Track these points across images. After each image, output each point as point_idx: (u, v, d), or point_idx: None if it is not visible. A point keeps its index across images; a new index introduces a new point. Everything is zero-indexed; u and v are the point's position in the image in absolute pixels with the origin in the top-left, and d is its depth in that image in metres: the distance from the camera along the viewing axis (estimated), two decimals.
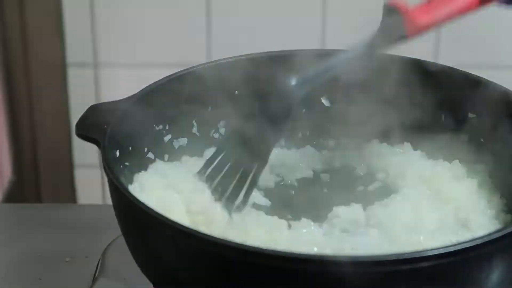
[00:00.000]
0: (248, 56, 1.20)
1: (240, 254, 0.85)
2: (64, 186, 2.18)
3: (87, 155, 2.13)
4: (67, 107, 2.10)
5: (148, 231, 0.92)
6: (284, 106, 1.03)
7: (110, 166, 0.97)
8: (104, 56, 2.06)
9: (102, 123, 1.04)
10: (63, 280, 1.15)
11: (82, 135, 1.05)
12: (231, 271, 0.87)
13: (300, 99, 1.04)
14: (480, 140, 1.16)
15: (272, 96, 1.04)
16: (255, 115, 1.06)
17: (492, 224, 1.08)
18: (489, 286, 0.88)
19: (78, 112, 1.83)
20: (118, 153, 1.05)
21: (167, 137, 1.17)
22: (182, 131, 1.18)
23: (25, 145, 2.14)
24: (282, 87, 1.03)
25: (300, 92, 1.03)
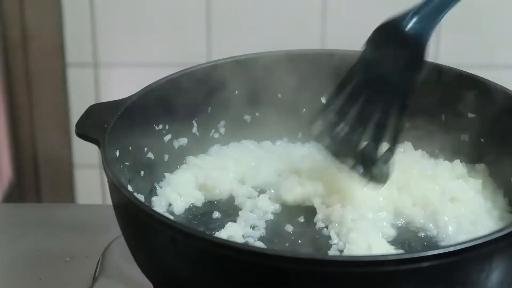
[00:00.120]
0: (248, 56, 1.20)
1: (240, 254, 0.85)
2: (64, 186, 2.18)
3: (87, 155, 2.13)
4: (67, 107, 2.10)
5: (148, 231, 0.92)
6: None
7: (110, 166, 0.97)
8: (104, 56, 2.06)
9: (102, 123, 1.04)
10: (63, 280, 1.15)
11: (82, 135, 1.05)
12: (231, 271, 0.87)
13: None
14: (480, 140, 1.16)
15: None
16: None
17: (497, 224, 1.08)
18: (489, 286, 0.88)
19: (78, 112, 1.84)
20: (118, 153, 1.05)
21: (167, 137, 1.17)
22: (182, 131, 1.18)
23: (25, 145, 2.14)
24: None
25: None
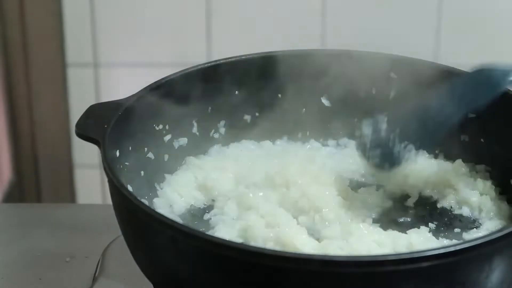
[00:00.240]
0: (248, 56, 1.20)
1: (240, 254, 0.85)
2: (64, 186, 2.18)
3: (87, 155, 2.13)
4: (67, 107, 2.10)
5: (148, 231, 0.92)
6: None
7: (110, 166, 0.97)
8: (104, 56, 2.06)
9: (102, 123, 1.04)
10: (63, 280, 1.15)
11: (82, 135, 1.05)
12: (231, 271, 0.87)
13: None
14: (480, 140, 1.16)
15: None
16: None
17: (499, 224, 1.08)
18: (489, 286, 0.88)
19: (78, 112, 1.83)
20: (118, 153, 1.05)
21: (167, 137, 1.17)
22: (182, 131, 1.18)
23: (25, 145, 2.14)
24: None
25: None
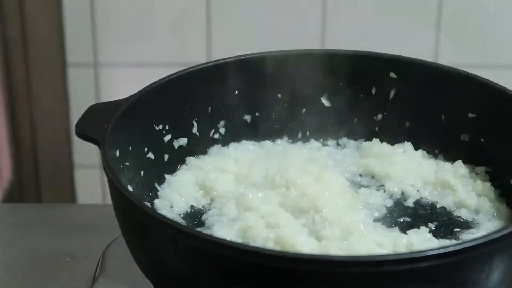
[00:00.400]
0: (248, 56, 1.20)
1: (240, 254, 0.85)
2: (64, 186, 2.18)
3: (87, 155, 2.13)
4: (67, 107, 2.10)
5: (148, 231, 0.92)
6: None
7: (110, 166, 0.97)
8: (104, 56, 2.06)
9: (102, 123, 1.04)
10: (63, 280, 1.15)
11: (82, 135, 1.05)
12: (231, 271, 0.87)
13: None
14: (480, 140, 1.16)
15: None
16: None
17: (498, 225, 1.08)
18: (489, 286, 0.88)
19: (78, 112, 1.83)
20: (118, 153, 1.05)
21: (167, 137, 1.17)
22: (182, 131, 1.18)
23: (25, 145, 2.14)
24: None
25: None
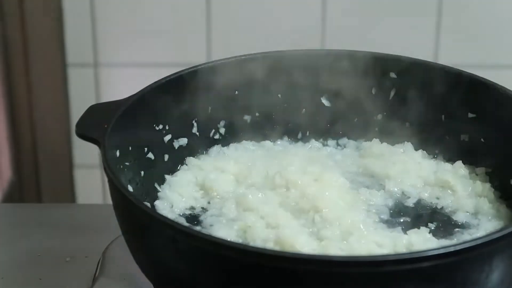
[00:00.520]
0: (248, 56, 1.20)
1: (240, 254, 0.85)
2: (64, 186, 2.18)
3: (87, 155, 2.13)
4: (67, 107, 2.10)
5: (148, 231, 0.92)
6: None
7: (110, 166, 0.97)
8: (104, 56, 2.06)
9: (102, 123, 1.04)
10: (63, 280, 1.15)
11: (82, 135, 1.05)
12: (231, 271, 0.87)
13: None
14: (480, 140, 1.16)
15: None
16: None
17: (497, 225, 1.08)
18: (489, 286, 0.88)
19: (78, 112, 1.83)
20: (118, 153, 1.05)
21: (167, 137, 1.17)
22: (182, 131, 1.18)
23: (25, 145, 2.14)
24: None
25: None
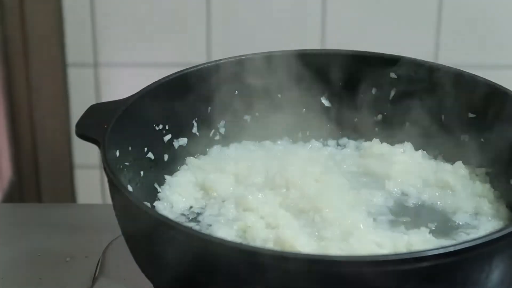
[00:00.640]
0: (248, 56, 1.20)
1: (239, 254, 0.85)
2: (64, 186, 2.18)
3: (87, 155, 2.13)
4: (67, 107, 2.10)
5: (148, 231, 0.92)
6: None
7: (110, 166, 0.97)
8: (104, 56, 2.06)
9: (102, 123, 1.04)
10: (63, 280, 1.15)
11: (82, 135, 1.05)
12: (231, 271, 0.87)
13: None
14: (480, 140, 1.16)
15: None
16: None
17: (496, 225, 1.08)
18: (489, 286, 0.88)
19: (78, 112, 1.83)
20: (118, 153, 1.05)
21: (167, 137, 1.17)
22: (182, 131, 1.18)
23: (25, 145, 2.14)
24: None
25: None
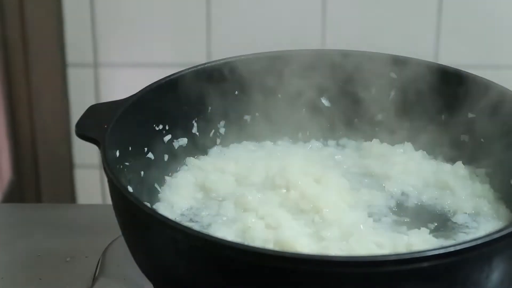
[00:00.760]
0: (248, 56, 1.20)
1: (239, 254, 0.85)
2: (64, 186, 2.18)
3: (87, 155, 2.13)
4: (67, 107, 2.10)
5: (148, 231, 0.92)
6: None
7: (110, 166, 0.97)
8: (104, 56, 2.06)
9: (102, 123, 1.04)
10: (63, 280, 1.15)
11: (82, 135, 1.05)
12: (230, 271, 0.87)
13: None
14: (480, 140, 1.16)
15: None
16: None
17: (496, 226, 1.08)
18: (489, 286, 0.88)
19: (78, 112, 1.83)
20: (118, 153, 1.05)
21: (167, 137, 1.17)
22: (182, 131, 1.18)
23: (25, 145, 2.14)
24: None
25: None
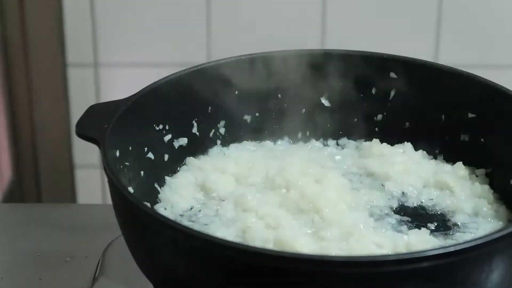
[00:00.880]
0: (247, 56, 1.20)
1: (240, 254, 0.85)
2: (64, 186, 2.18)
3: (87, 155, 2.13)
4: (67, 107, 2.10)
5: (148, 231, 0.92)
6: None
7: (110, 166, 0.97)
8: (104, 56, 2.06)
9: (102, 123, 1.04)
10: (63, 280, 1.15)
11: (82, 135, 1.05)
12: (231, 271, 0.87)
13: None
14: (480, 140, 1.16)
15: None
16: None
17: (495, 226, 1.08)
18: (489, 286, 0.88)
19: (78, 112, 1.83)
20: (118, 153, 1.05)
21: (167, 137, 1.17)
22: (182, 131, 1.19)
23: (25, 145, 2.14)
24: None
25: None
